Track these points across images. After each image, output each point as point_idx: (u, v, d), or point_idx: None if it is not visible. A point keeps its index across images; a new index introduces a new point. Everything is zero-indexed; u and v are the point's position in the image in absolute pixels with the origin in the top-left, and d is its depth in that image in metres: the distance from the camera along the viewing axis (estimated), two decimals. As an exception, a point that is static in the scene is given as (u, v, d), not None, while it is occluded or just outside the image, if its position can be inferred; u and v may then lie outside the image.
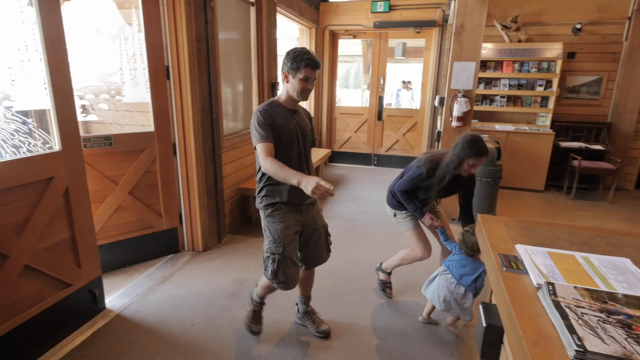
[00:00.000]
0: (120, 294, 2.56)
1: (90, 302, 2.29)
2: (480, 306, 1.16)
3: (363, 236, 3.64)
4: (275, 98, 1.88)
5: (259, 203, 1.94)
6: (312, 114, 6.17)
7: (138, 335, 2.17)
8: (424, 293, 2.28)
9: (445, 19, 5.42)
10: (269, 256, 1.90)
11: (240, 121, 3.97)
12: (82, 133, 2.35)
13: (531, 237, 1.28)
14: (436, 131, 4.41)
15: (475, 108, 4.83)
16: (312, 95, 6.12)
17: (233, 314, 2.39)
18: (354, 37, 6.24)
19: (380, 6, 5.69)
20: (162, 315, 2.36)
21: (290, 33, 6.41)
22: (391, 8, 5.68)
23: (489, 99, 5.45)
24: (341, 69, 10.29)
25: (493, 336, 1.08)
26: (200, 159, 3.03)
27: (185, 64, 2.80)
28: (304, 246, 2.04)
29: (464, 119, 3.81)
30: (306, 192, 1.53)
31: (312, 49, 5.91)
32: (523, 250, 1.15)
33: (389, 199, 2.49)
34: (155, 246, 3.05)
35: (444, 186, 2.18)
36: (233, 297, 2.56)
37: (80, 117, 2.74)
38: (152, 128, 2.84)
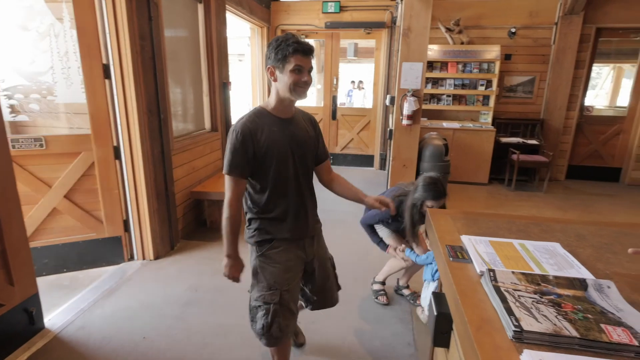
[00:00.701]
0: (61, 311, 2.37)
1: (26, 322, 2.09)
2: (431, 296, 1.21)
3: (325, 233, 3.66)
4: (263, 105, 1.50)
5: (248, 237, 1.58)
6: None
7: (82, 354, 2.02)
8: (423, 319, 2.34)
9: (393, 21, 5.60)
10: (259, 306, 1.54)
11: (192, 122, 3.83)
12: (12, 134, 2.18)
13: (475, 228, 1.36)
14: (388, 129, 4.55)
15: (424, 107, 5.05)
16: (265, 94, 6.06)
17: (189, 322, 2.30)
18: (306, 37, 6.26)
19: (331, 7, 5.75)
20: (110, 330, 2.22)
21: (242, 32, 6.31)
22: (342, 9, 5.77)
23: (436, 98, 5.72)
24: (295, 68, 10.28)
25: (443, 324, 1.14)
26: (149, 162, 2.88)
27: (128, 63, 2.65)
28: (308, 283, 1.72)
29: (413, 117, 3.96)
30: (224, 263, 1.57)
31: (264, 49, 5.85)
32: (467, 241, 1.22)
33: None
34: (96, 254, 2.88)
35: (415, 223, 2.21)
36: (188, 305, 2.47)
37: (8, 117, 2.56)
38: (88, 130, 2.67)
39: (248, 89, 6.08)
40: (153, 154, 2.93)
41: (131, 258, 3.03)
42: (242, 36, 6.44)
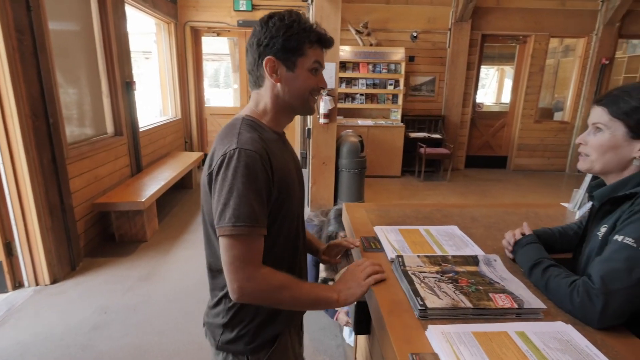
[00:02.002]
0: None
1: None
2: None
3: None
4: (252, 115, 0.95)
5: (225, 342, 0.96)
6: (179, 115, 5.78)
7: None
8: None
9: (316, 24, 5.69)
10: None
11: (90, 126, 3.44)
12: None
13: (386, 218, 1.45)
14: (306, 128, 4.62)
15: (340, 105, 5.24)
16: (176, 95, 5.72)
17: (98, 349, 2.06)
18: (218, 35, 6.05)
19: (243, 5, 5.64)
20: (-4, 372, 1.89)
21: (147, 27, 5.84)
22: (254, 7, 5.69)
23: (350, 97, 5.97)
24: (210, 68, 9.86)
25: (362, 313, 1.19)
26: (37, 173, 2.51)
27: (2, 60, 2.27)
28: None
29: (330, 116, 4.08)
30: (352, 300, 0.91)
31: (173, 46, 5.51)
32: (380, 231, 1.29)
33: None
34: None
35: None
36: (96, 330, 2.22)
37: None
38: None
39: (157, 89, 5.66)
40: (42, 164, 2.56)
41: (19, 286, 2.61)
42: (146, 32, 5.96)
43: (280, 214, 0.90)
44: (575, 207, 1.56)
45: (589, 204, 1.12)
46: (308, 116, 4.40)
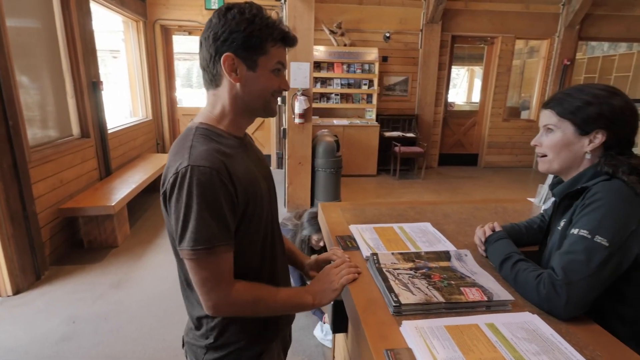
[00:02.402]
0: None
1: None
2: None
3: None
4: (207, 121, 0.87)
5: (205, 354, 0.92)
6: (150, 116, 5.62)
7: None
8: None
9: (279, 21, 5.66)
10: None
11: (54, 128, 3.28)
12: None
13: (362, 217, 1.46)
14: (282, 128, 4.60)
15: (315, 105, 5.25)
16: (147, 95, 5.55)
17: (66, 360, 1.98)
18: (190, 33, 5.92)
19: (215, 3, 5.54)
20: (-47, 391, 1.78)
21: (114, 25, 5.64)
22: (226, 6, 5.60)
23: (325, 97, 5.99)
24: (182, 67, 9.64)
25: (339, 312, 1.19)
26: (-4, 178, 2.37)
27: (-47, 57, 2.14)
28: None
29: (305, 115, 4.08)
30: (326, 301, 0.93)
31: (142, 45, 5.35)
32: (355, 229, 1.31)
33: None
34: None
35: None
36: (64, 341, 2.12)
37: None
38: None
39: (127, 90, 5.47)
40: (2, 168, 2.42)
41: (-20, 297, 2.47)
42: (114, 30, 5.75)
43: (252, 223, 0.86)
44: (541, 201, 1.62)
45: (553, 199, 1.18)
46: (284, 117, 4.38)
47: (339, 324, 1.24)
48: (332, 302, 1.19)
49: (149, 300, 2.53)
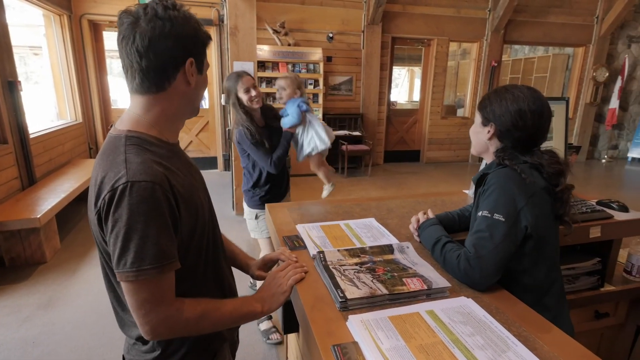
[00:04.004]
0: None
1: None
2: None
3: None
4: (136, 128, 0.79)
5: None
6: (80, 118, 5.18)
7: None
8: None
9: (221, 19, 5.51)
10: None
11: (-38, 134, 2.90)
12: None
13: (308, 216, 1.47)
14: (227, 129, 4.48)
15: (261, 105, 5.15)
16: (75, 96, 5.11)
17: (-14, 394, 1.76)
18: (123, 30, 5.54)
19: (149, -1, 5.23)
20: None
21: (32, 19, 5.12)
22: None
23: (271, 96, 5.93)
24: (116, 66, 8.98)
25: (288, 312, 1.19)
26: None
27: None
28: None
29: (250, 116, 4.00)
30: (276, 306, 0.92)
31: (67, 41, 4.90)
32: (302, 229, 1.31)
33: (249, 198, 2.24)
34: None
35: (266, 139, 2.11)
36: (-17, 372, 1.89)
37: None
38: None
39: (51, 90, 4.99)
40: None
41: None
42: (32, 25, 5.22)
43: (195, 236, 0.82)
44: (472, 192, 1.75)
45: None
46: (229, 117, 4.26)
47: (290, 324, 1.24)
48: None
49: (85, 318, 2.34)
